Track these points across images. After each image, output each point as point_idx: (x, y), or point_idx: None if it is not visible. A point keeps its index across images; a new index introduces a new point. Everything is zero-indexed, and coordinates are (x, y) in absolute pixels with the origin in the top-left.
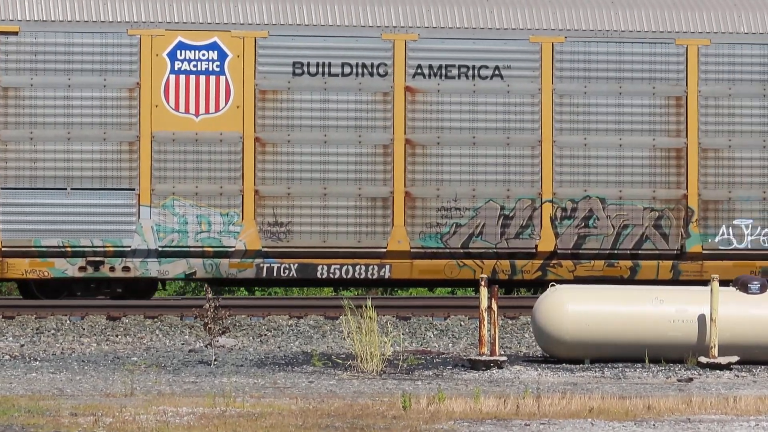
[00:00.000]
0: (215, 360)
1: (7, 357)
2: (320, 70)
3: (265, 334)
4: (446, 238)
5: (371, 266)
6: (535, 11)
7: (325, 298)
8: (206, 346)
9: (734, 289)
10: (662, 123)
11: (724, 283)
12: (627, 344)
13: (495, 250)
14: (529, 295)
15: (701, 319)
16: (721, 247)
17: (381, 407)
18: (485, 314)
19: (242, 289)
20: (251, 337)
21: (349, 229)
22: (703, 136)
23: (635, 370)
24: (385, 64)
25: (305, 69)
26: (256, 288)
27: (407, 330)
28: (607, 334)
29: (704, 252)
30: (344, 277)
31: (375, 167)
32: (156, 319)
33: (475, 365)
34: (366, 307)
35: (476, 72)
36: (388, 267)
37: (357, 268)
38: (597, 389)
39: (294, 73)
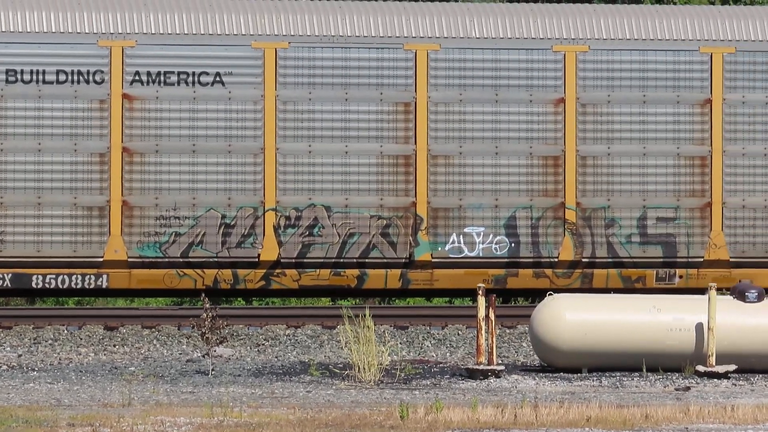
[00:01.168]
0: (213, 370)
1: (5, 367)
2: (34, 77)
3: (263, 344)
4: (165, 248)
5: (88, 276)
6: (258, 16)
7: (322, 307)
8: (204, 356)
9: (732, 297)
10: (390, 129)
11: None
12: (624, 353)
13: (216, 260)
14: (527, 304)
15: (699, 327)
16: (451, 256)
17: (378, 417)
18: (483, 323)
19: (240, 299)
20: (249, 347)
21: (65, 238)
22: (432, 142)
23: (633, 379)
24: (102, 71)
25: (19, 77)
26: (253, 298)
27: (405, 339)
28: (604, 343)
29: (434, 260)
30: (60, 287)
31: (91, 176)
32: (153, 329)
33: (472, 374)
34: (363, 316)
35: (196, 79)
36: (105, 277)
37: (73, 277)
38: (595, 398)
39: (7, 81)
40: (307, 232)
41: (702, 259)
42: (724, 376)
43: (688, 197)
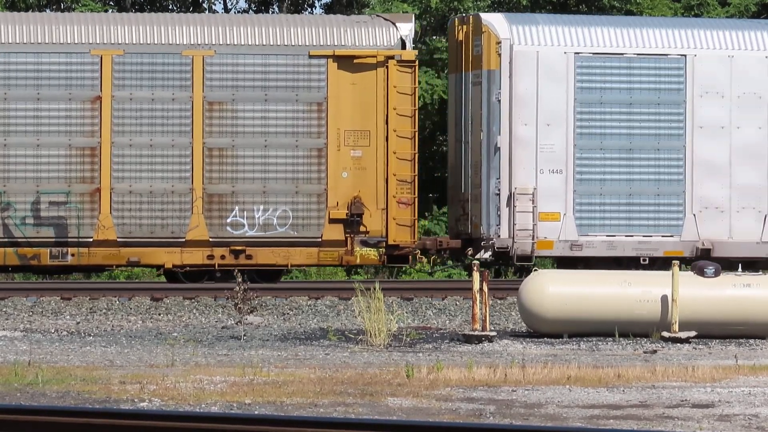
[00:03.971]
0: (244, 335)
1: (65, 333)
2: None
3: (288, 313)
4: None
5: None
6: None
7: (339, 281)
8: (237, 324)
9: (692, 273)
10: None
11: None
12: (600, 321)
13: None
14: (515, 278)
15: (664, 299)
16: None
17: (387, 376)
18: (477, 295)
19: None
20: (275, 316)
21: None
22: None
23: (607, 344)
24: None
25: None
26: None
27: (410, 309)
28: (582, 313)
29: None
30: None
31: None
32: (193, 300)
33: (468, 339)
34: (374, 289)
35: None
36: None
37: None
38: (574, 360)
39: None
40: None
41: (92, 239)
42: (686, 341)
43: (78, 183)
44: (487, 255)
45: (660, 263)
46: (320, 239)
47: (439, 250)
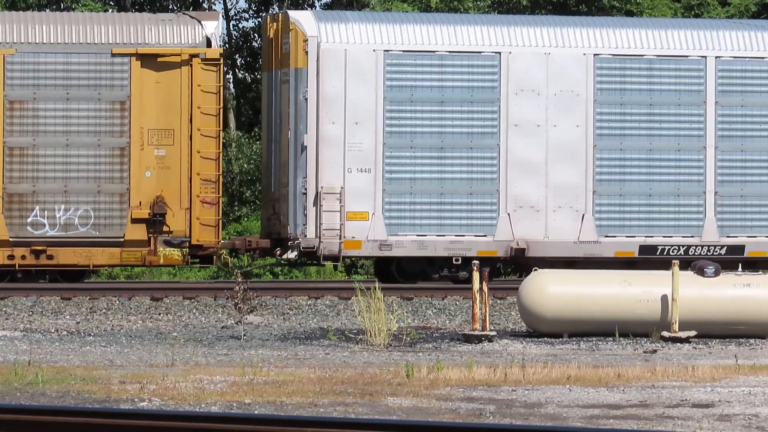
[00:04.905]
0: (244, 335)
1: (65, 333)
2: None
3: (288, 313)
4: None
5: None
6: None
7: (339, 281)
8: (236, 323)
9: (692, 273)
10: None
11: None
12: (600, 321)
13: None
14: (515, 278)
15: (664, 299)
16: None
17: (387, 375)
18: (477, 295)
19: (267, 273)
20: (275, 315)
21: None
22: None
23: (607, 343)
24: None
25: None
26: (279, 272)
27: (410, 309)
28: (582, 312)
29: None
30: None
31: None
32: (193, 300)
33: (468, 339)
34: (374, 288)
35: None
36: None
37: None
38: (574, 359)
39: None
40: None
41: None
42: (686, 340)
43: None
44: (293, 255)
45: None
46: (122, 239)
47: (248, 249)
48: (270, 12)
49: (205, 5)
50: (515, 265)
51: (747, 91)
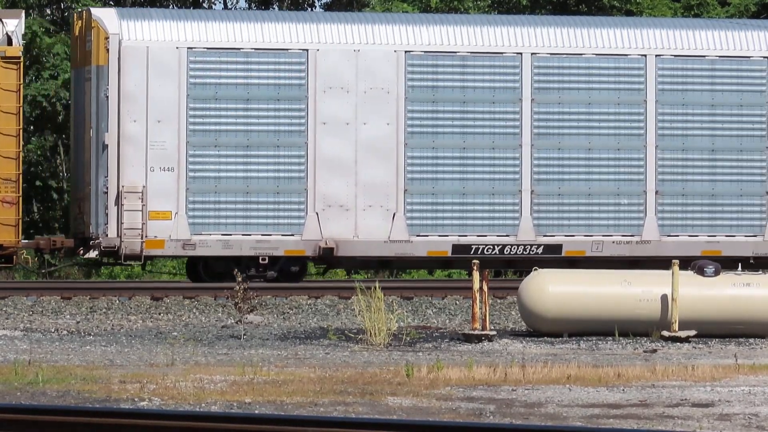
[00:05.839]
0: (244, 335)
1: (65, 332)
2: None
3: (288, 312)
4: None
5: None
6: None
7: (339, 280)
8: (237, 323)
9: (692, 272)
10: None
11: None
12: (600, 320)
13: None
14: (515, 278)
15: (664, 298)
16: None
17: (387, 375)
18: (477, 294)
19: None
20: (275, 315)
21: None
22: None
23: (607, 343)
24: None
25: None
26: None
27: (410, 308)
28: (582, 312)
29: None
30: None
31: None
32: (193, 299)
33: (468, 338)
34: (374, 288)
35: None
36: None
37: None
38: (574, 359)
39: None
40: None
41: None
42: (686, 340)
43: None
44: (95, 254)
45: (284, 262)
46: None
47: (53, 249)
48: (76, 10)
49: (205, 5)
50: (327, 264)
51: (564, 89)
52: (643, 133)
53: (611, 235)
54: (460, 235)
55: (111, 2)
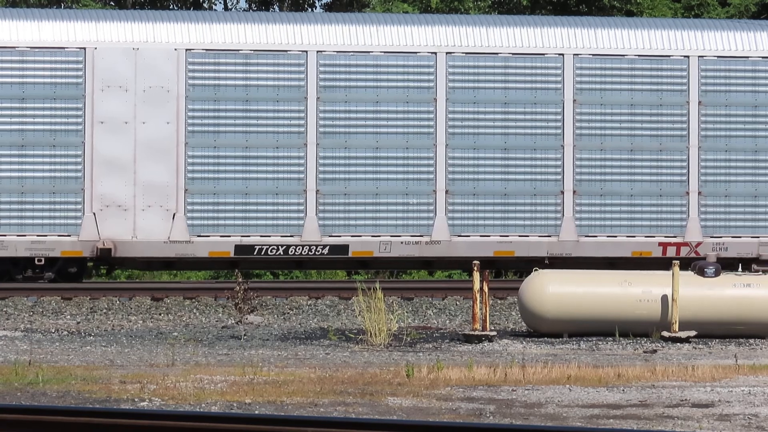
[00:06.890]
0: (244, 335)
1: (66, 333)
2: None
3: (288, 313)
4: None
5: None
6: None
7: (339, 281)
8: (237, 323)
9: (692, 273)
10: None
11: None
12: (600, 321)
13: None
14: (515, 278)
15: (664, 299)
16: None
17: (388, 375)
18: (477, 295)
19: (268, 273)
20: (276, 315)
21: None
22: None
23: (607, 343)
24: None
25: None
26: (279, 272)
27: (410, 309)
28: (582, 312)
29: None
30: None
31: None
32: (193, 300)
33: (468, 339)
34: (375, 289)
35: None
36: None
37: None
38: (574, 359)
39: None
40: None
41: None
42: (686, 340)
43: None
44: None
45: (62, 263)
46: None
47: None
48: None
49: (205, 5)
50: (108, 265)
51: (351, 87)
52: (433, 132)
53: (400, 236)
54: (242, 236)
55: (111, 2)
